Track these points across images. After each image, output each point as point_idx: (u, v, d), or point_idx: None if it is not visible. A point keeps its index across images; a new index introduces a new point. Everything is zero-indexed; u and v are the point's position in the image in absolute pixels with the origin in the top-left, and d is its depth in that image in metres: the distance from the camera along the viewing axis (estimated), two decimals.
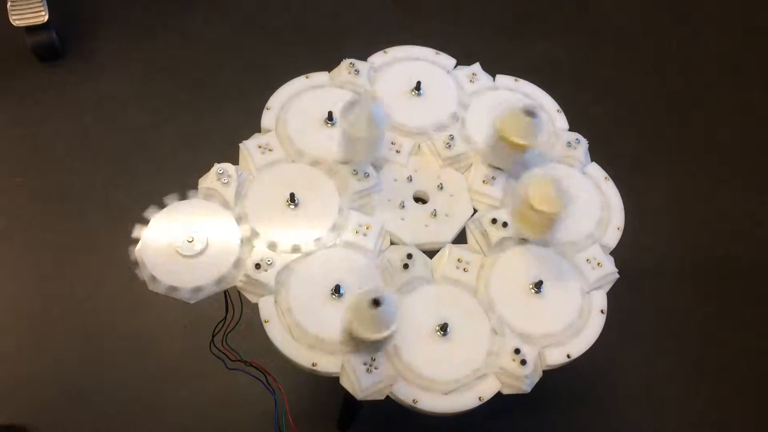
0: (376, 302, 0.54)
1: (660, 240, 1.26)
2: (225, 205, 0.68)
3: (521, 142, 0.69)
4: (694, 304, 1.20)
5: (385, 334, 0.55)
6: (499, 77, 0.84)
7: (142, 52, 1.40)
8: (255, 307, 0.65)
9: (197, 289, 0.63)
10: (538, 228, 0.67)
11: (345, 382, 0.63)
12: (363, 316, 0.55)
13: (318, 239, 0.68)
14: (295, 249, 0.68)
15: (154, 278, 0.63)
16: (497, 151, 0.72)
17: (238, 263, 0.65)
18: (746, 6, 1.64)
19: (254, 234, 0.67)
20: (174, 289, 0.63)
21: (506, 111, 0.69)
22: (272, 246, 0.67)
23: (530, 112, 0.68)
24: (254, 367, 0.71)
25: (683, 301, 1.20)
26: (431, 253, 0.71)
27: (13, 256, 1.16)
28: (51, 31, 1.31)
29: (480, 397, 0.63)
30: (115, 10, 1.45)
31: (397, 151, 0.76)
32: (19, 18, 1.27)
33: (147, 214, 0.65)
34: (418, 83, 0.79)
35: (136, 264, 0.64)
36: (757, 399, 1.12)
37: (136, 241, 0.64)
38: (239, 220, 0.68)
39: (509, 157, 0.73)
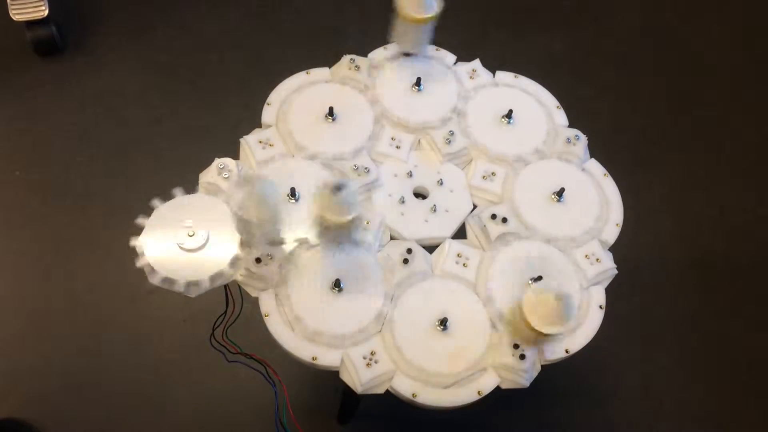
0: (338, 188, 0.59)
1: (659, 236, 1.27)
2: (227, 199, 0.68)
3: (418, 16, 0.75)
4: (692, 300, 1.21)
5: (349, 217, 0.60)
6: (499, 73, 0.84)
7: (142, 47, 1.40)
8: (255, 301, 0.66)
9: (194, 283, 0.63)
10: (531, 340, 0.63)
11: (345, 376, 0.63)
12: (328, 202, 0.59)
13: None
14: (297, 243, 0.68)
15: (152, 270, 0.63)
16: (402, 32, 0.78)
17: (236, 261, 0.65)
18: (746, 4, 1.64)
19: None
20: (171, 281, 0.63)
21: None
22: (273, 240, 0.67)
23: None
24: (254, 360, 0.71)
25: (681, 297, 1.21)
26: (431, 248, 0.71)
27: (12, 250, 1.16)
28: (51, 25, 1.31)
29: (479, 392, 0.63)
30: (115, 4, 1.45)
31: (398, 147, 0.76)
32: (19, 13, 1.27)
33: (152, 204, 0.65)
34: (419, 79, 0.80)
35: (136, 254, 0.64)
36: (755, 396, 1.13)
37: (139, 230, 0.65)
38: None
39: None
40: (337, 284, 0.65)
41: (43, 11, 1.27)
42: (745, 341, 1.18)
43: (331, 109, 0.76)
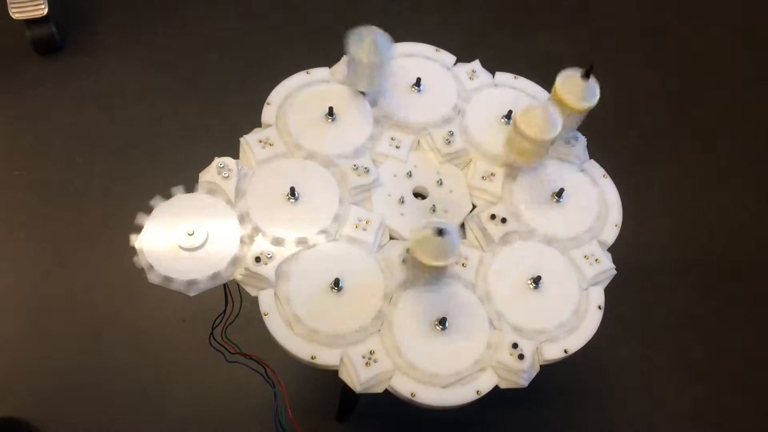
0: (440, 232, 0.59)
1: (658, 237, 1.27)
2: (228, 200, 0.69)
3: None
4: (691, 301, 1.21)
5: (448, 261, 0.61)
6: (499, 74, 0.84)
7: (141, 46, 1.40)
8: (254, 300, 0.66)
9: (193, 282, 0.64)
10: (529, 155, 0.71)
11: (344, 375, 0.63)
12: (428, 245, 0.61)
13: (318, 233, 0.69)
14: (295, 243, 0.68)
15: (151, 268, 0.63)
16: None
17: (235, 260, 0.65)
18: (746, 4, 1.64)
19: (255, 231, 0.68)
20: (170, 280, 0.63)
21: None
22: (272, 240, 0.68)
23: None
24: (254, 359, 0.71)
25: (680, 298, 1.21)
26: None
27: (12, 250, 1.16)
28: (50, 24, 1.31)
29: (478, 391, 0.64)
30: (115, 3, 1.45)
31: (397, 147, 0.76)
32: (19, 11, 1.27)
33: (152, 203, 0.66)
34: (418, 79, 0.80)
35: (136, 253, 0.64)
36: (754, 396, 1.13)
37: (139, 229, 0.65)
38: (242, 219, 0.68)
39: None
40: (336, 284, 0.65)
41: (43, 10, 1.28)
42: (743, 341, 1.18)
43: (330, 108, 0.76)
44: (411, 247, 0.62)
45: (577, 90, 0.72)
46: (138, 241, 0.64)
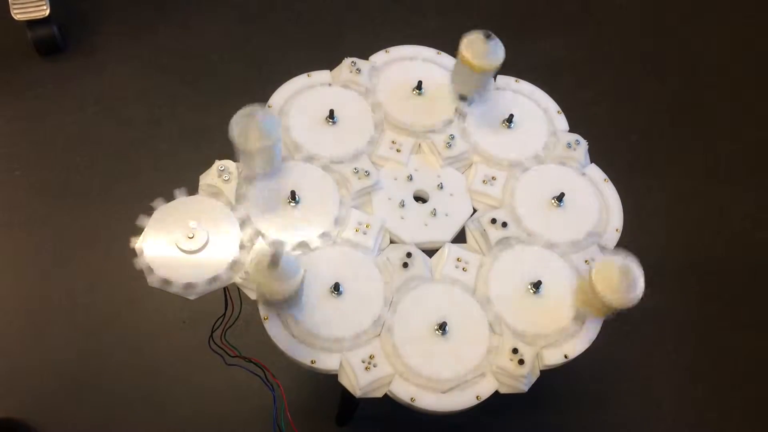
0: (274, 262, 0.57)
1: (659, 241, 1.27)
2: (229, 203, 0.69)
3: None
4: (692, 305, 1.21)
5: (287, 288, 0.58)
6: (500, 77, 0.84)
7: (143, 48, 1.40)
8: (254, 304, 0.66)
9: (192, 286, 0.63)
10: (601, 311, 0.66)
11: (343, 380, 0.63)
12: (265, 274, 0.58)
13: (318, 237, 0.69)
14: (295, 247, 0.68)
15: (151, 270, 0.63)
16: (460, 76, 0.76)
17: (235, 264, 0.65)
18: (747, 6, 1.64)
19: (256, 235, 0.68)
20: (169, 283, 0.63)
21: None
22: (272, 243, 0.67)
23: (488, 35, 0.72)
24: (253, 363, 0.71)
25: (681, 302, 1.21)
26: (431, 252, 0.71)
27: (12, 250, 1.16)
28: (52, 25, 1.31)
29: (478, 396, 0.63)
30: (117, 4, 1.45)
31: (398, 150, 0.76)
32: (21, 12, 1.27)
33: (153, 204, 0.65)
34: (420, 83, 0.80)
35: (136, 254, 0.64)
36: (755, 399, 1.13)
37: (139, 231, 0.65)
38: (242, 223, 0.68)
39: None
40: (336, 288, 0.65)
41: (45, 11, 1.27)
42: (744, 344, 1.18)
43: (331, 111, 0.76)
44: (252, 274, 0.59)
45: (481, 51, 0.72)
46: (138, 243, 0.64)
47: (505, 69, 0.85)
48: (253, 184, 0.70)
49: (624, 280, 0.61)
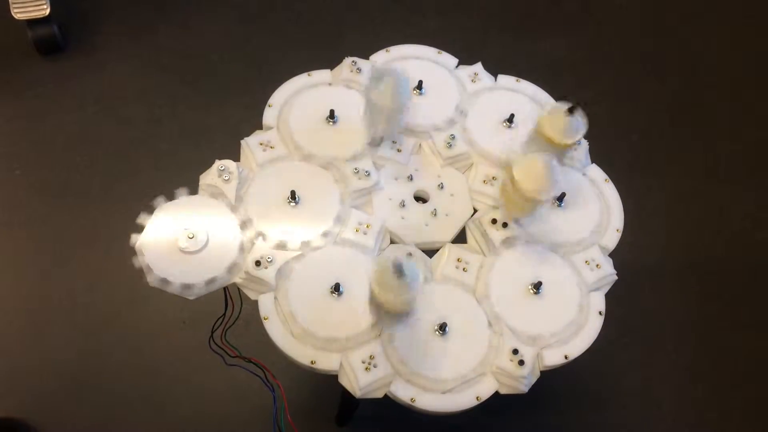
0: (399, 270, 0.56)
1: (659, 241, 1.27)
2: (229, 203, 0.68)
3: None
4: (692, 306, 1.21)
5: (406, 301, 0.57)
6: (501, 77, 0.84)
7: (143, 47, 1.40)
8: (254, 304, 0.66)
9: (190, 286, 0.63)
10: (522, 209, 0.68)
11: (344, 380, 0.63)
12: (387, 282, 0.56)
13: (318, 237, 0.69)
14: (296, 247, 0.68)
15: (150, 269, 0.63)
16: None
17: (235, 265, 0.65)
18: (747, 6, 1.64)
19: (256, 235, 0.68)
20: (167, 282, 0.63)
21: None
22: (272, 243, 0.67)
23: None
24: (253, 363, 0.71)
25: (681, 303, 1.21)
26: (431, 253, 0.71)
27: (12, 249, 1.16)
28: (52, 24, 1.31)
29: (477, 397, 0.63)
30: (117, 4, 1.45)
31: (399, 150, 0.76)
32: (21, 11, 1.27)
33: (154, 203, 0.65)
34: (420, 82, 0.80)
35: (135, 253, 0.64)
36: (755, 399, 1.13)
37: (140, 229, 0.64)
38: (242, 223, 0.68)
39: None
40: (336, 288, 0.65)
41: (45, 10, 1.27)
42: (744, 344, 1.18)
43: (332, 111, 0.76)
44: (372, 280, 0.58)
45: (560, 125, 0.68)
46: (138, 242, 0.64)
47: (506, 69, 0.85)
48: (377, 148, 0.75)
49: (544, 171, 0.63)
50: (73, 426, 1.02)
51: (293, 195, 0.70)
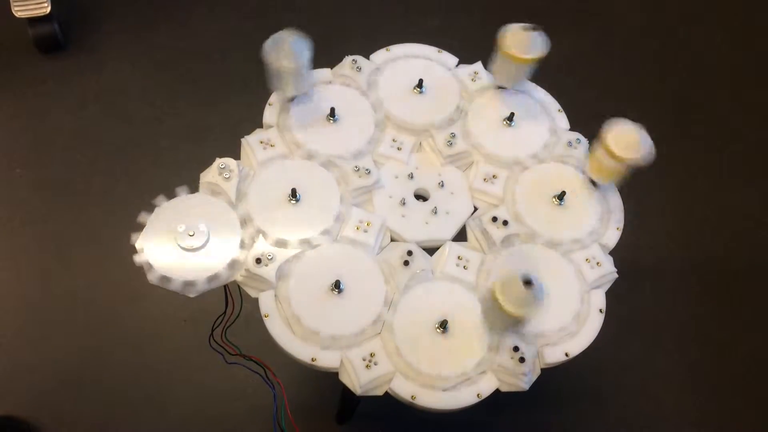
0: (528, 282, 0.57)
1: (659, 240, 1.27)
2: (229, 201, 0.68)
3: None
4: (692, 304, 1.21)
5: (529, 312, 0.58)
6: None
7: (144, 45, 1.40)
8: (255, 302, 0.66)
9: (191, 284, 0.63)
10: (611, 175, 0.72)
11: (344, 378, 0.63)
12: (514, 292, 0.58)
13: (319, 235, 0.69)
14: (296, 244, 0.68)
15: (150, 267, 0.63)
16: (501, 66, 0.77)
17: (235, 263, 0.65)
18: (749, 6, 1.64)
19: (256, 233, 0.68)
20: (168, 280, 0.63)
21: None
22: (273, 241, 0.67)
23: None
24: (253, 361, 0.71)
25: (682, 301, 1.21)
26: (431, 251, 0.71)
27: (13, 248, 1.16)
28: (53, 22, 1.31)
29: (478, 394, 0.63)
30: (118, 2, 1.45)
31: (399, 149, 0.76)
32: (22, 9, 1.27)
33: (155, 202, 0.65)
34: (420, 81, 0.80)
35: (136, 251, 0.64)
36: (755, 398, 1.13)
37: (140, 228, 0.64)
38: (242, 221, 0.68)
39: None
40: (336, 285, 0.65)
41: (46, 8, 1.27)
42: (744, 343, 1.18)
43: (332, 109, 0.76)
44: (496, 289, 0.59)
45: (523, 42, 0.75)
46: (138, 240, 0.64)
47: None
48: (288, 108, 0.75)
49: (636, 139, 0.70)
50: (73, 424, 1.02)
51: (294, 193, 0.70)
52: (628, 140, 0.69)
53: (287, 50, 0.69)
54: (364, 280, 0.67)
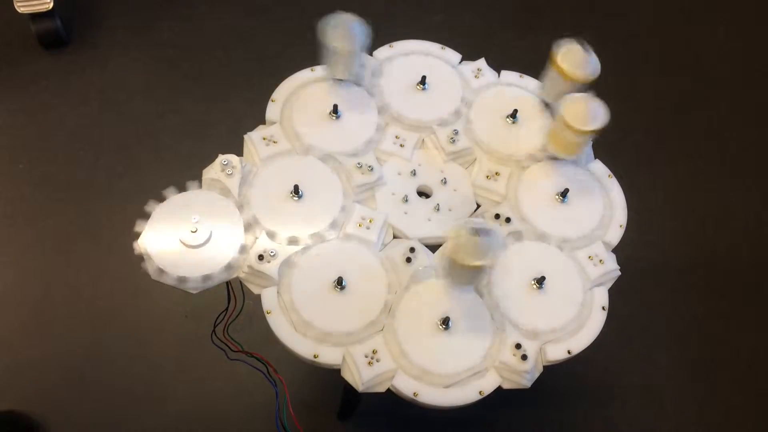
0: (476, 232, 0.58)
1: (662, 238, 1.27)
2: (233, 198, 0.68)
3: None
4: (695, 302, 1.21)
5: (484, 261, 0.59)
6: (504, 73, 0.84)
7: (147, 41, 1.39)
8: (257, 298, 0.66)
9: (192, 280, 0.63)
10: (571, 148, 0.72)
11: (346, 375, 0.63)
12: (466, 244, 0.58)
13: (321, 231, 0.69)
14: (299, 241, 0.68)
15: (151, 260, 0.63)
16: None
17: (237, 260, 0.65)
18: (750, 5, 1.63)
19: (259, 229, 0.68)
20: (168, 275, 0.63)
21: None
22: (276, 238, 0.67)
23: None
24: (256, 358, 0.71)
25: (684, 299, 1.21)
26: (434, 248, 0.71)
27: (15, 243, 1.16)
28: (56, 18, 1.31)
29: (480, 392, 0.63)
30: None
31: (401, 145, 0.76)
32: (25, 5, 1.27)
33: (164, 194, 0.65)
34: (424, 77, 0.79)
35: (138, 246, 0.64)
36: (756, 397, 1.13)
37: (142, 225, 0.64)
38: (246, 220, 0.67)
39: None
40: (339, 282, 0.65)
41: (48, 4, 1.27)
42: (746, 342, 1.18)
43: (335, 106, 0.76)
44: (449, 247, 0.60)
45: (578, 61, 0.76)
46: (141, 235, 0.64)
47: (509, 64, 0.85)
48: (337, 86, 0.78)
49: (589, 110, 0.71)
50: (75, 419, 1.02)
51: (296, 189, 0.69)
52: (578, 111, 0.71)
53: (345, 32, 0.71)
54: (366, 276, 0.67)
